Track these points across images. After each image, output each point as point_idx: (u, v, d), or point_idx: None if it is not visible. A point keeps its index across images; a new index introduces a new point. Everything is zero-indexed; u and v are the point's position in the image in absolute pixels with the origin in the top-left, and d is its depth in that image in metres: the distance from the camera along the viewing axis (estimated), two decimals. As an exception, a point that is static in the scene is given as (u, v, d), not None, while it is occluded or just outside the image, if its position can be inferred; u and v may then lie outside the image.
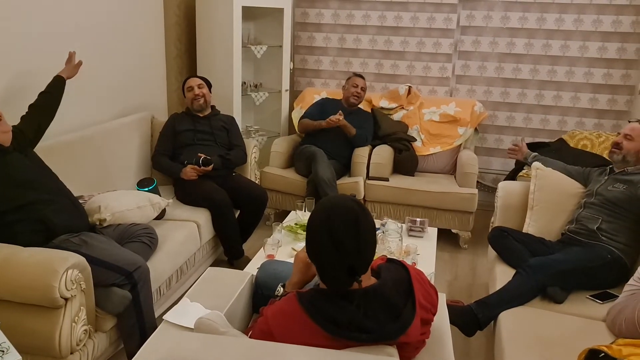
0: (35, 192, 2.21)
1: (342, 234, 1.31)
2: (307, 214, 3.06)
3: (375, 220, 3.01)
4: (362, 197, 3.79)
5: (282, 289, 1.68)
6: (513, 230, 2.74)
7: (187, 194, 3.19)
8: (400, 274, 1.49)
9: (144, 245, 2.47)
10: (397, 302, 1.38)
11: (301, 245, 2.69)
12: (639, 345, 1.66)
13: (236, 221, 3.23)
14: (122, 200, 2.59)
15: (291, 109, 4.52)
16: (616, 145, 2.61)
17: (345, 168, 3.89)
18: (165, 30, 3.98)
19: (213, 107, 3.55)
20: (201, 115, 3.44)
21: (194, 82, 3.43)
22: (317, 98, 4.37)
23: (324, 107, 4.03)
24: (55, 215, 2.23)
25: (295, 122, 4.34)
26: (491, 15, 4.19)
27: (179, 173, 3.24)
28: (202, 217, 3.05)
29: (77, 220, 2.32)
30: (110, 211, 2.48)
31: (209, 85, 3.50)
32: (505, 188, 3.06)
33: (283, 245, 2.68)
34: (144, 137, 3.53)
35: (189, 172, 3.20)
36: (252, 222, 3.35)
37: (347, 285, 1.34)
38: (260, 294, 2.02)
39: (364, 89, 4.02)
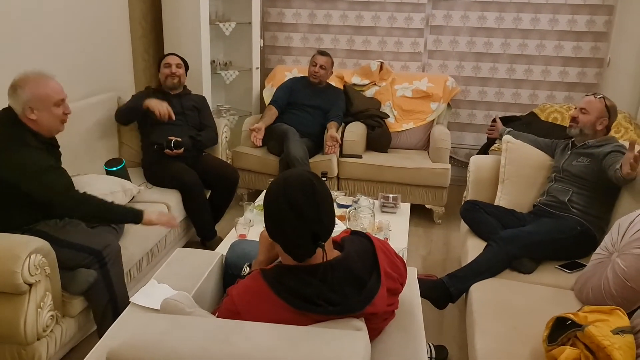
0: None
1: (301, 202, 1.30)
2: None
3: (348, 197, 3.02)
4: (335, 174, 3.77)
5: (248, 268, 1.66)
6: (484, 203, 2.76)
7: (156, 176, 3.13)
8: (364, 245, 1.48)
9: (111, 229, 2.43)
10: (361, 273, 1.37)
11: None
12: (604, 311, 1.69)
13: (207, 202, 3.18)
14: (95, 186, 2.55)
15: (262, 87, 4.45)
16: (573, 120, 2.65)
17: (317, 146, 3.86)
18: (130, 8, 3.85)
19: (185, 86, 3.48)
20: (172, 93, 3.37)
21: (172, 60, 3.38)
22: (288, 75, 4.31)
23: (292, 89, 3.98)
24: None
25: (267, 100, 4.28)
26: (462, -11, 4.17)
27: (141, 106, 3.14)
28: (172, 198, 3.00)
29: None
30: None
31: (187, 68, 3.47)
32: (477, 162, 3.07)
33: (255, 224, 2.65)
34: (110, 117, 3.43)
35: (155, 102, 3.14)
36: (223, 202, 3.31)
37: (312, 253, 1.33)
38: (231, 274, 2.00)
39: (324, 67, 3.88)
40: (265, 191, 1.40)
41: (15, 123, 2.10)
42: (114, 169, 2.80)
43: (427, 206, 3.78)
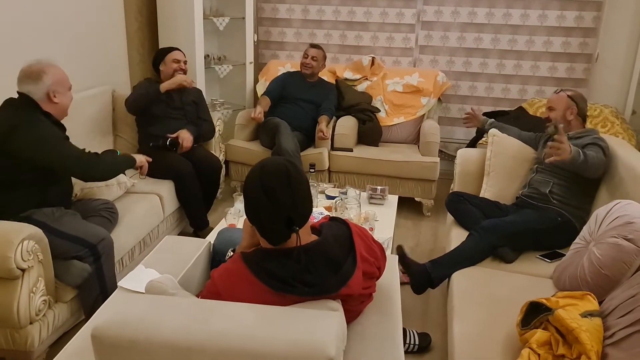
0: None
1: (275, 187, 1.36)
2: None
3: (336, 189, 3.08)
4: (326, 167, 3.83)
5: (231, 253, 1.72)
6: (469, 195, 2.82)
7: (151, 166, 3.16)
8: (341, 230, 1.54)
9: (104, 220, 2.49)
10: (337, 257, 1.43)
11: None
12: (576, 296, 1.75)
13: (200, 192, 3.25)
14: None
15: (256, 81, 4.50)
16: (547, 120, 2.72)
17: (309, 139, 3.91)
18: (125, 2, 3.91)
19: None
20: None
21: (180, 56, 3.44)
22: (281, 70, 4.36)
23: (284, 83, 4.04)
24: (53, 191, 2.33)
25: (260, 94, 4.33)
26: (453, -15, 4.22)
27: (158, 90, 3.26)
28: (164, 189, 3.06)
29: (59, 197, 2.38)
30: (80, 186, 2.54)
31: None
32: (464, 155, 3.13)
33: (244, 214, 2.71)
34: (105, 111, 3.50)
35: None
36: (211, 191, 3.40)
37: (287, 237, 1.39)
38: (218, 261, 2.05)
39: (315, 59, 3.94)
40: (246, 177, 1.46)
41: (30, 107, 2.23)
42: (108, 160, 2.85)
43: (416, 199, 3.84)
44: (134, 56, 4.10)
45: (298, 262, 1.38)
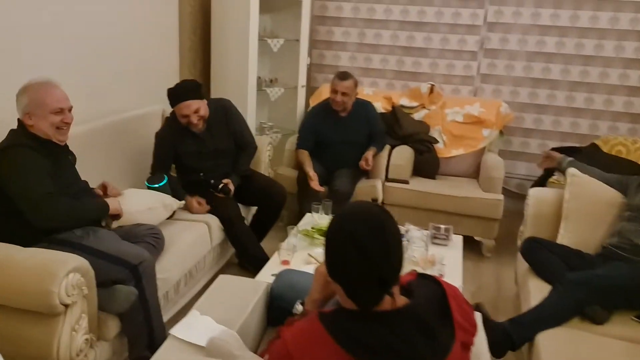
0: (63, 190, 2.11)
1: (368, 241, 1.15)
2: (324, 217, 2.90)
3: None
4: (380, 200, 3.61)
5: (301, 306, 1.51)
6: (548, 241, 2.55)
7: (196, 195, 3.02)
8: (434, 290, 1.32)
9: (149, 246, 2.31)
10: (433, 324, 1.21)
11: (319, 251, 2.53)
12: None
13: (251, 233, 3.01)
14: (133, 201, 2.44)
15: (307, 106, 4.34)
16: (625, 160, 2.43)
17: (360, 171, 3.67)
18: (180, 20, 3.82)
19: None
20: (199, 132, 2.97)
21: (188, 109, 2.81)
22: (334, 95, 4.19)
23: (316, 129, 3.60)
24: None
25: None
26: (521, 12, 3.99)
27: (182, 199, 2.80)
28: (213, 217, 2.89)
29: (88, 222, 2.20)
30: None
31: (201, 95, 2.91)
32: (537, 195, 2.86)
33: (299, 250, 2.51)
34: (154, 131, 3.35)
35: (196, 207, 2.89)
36: (269, 221, 3.19)
37: (379, 300, 1.18)
38: (276, 306, 1.85)
39: (346, 94, 3.43)
40: (329, 224, 1.26)
41: (18, 128, 2.09)
42: (156, 185, 2.70)
43: (476, 238, 3.57)
44: (185, 76, 4.00)
45: (389, 328, 1.16)
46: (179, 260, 2.50)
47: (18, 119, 2.10)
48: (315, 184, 3.38)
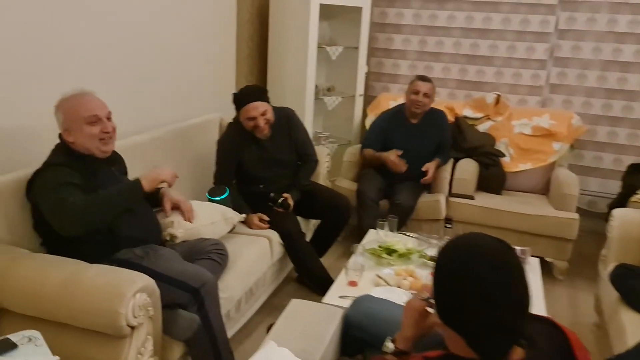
0: None
1: (495, 285, 1.01)
2: (390, 234, 2.75)
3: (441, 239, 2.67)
4: (442, 217, 3.42)
5: (392, 344, 1.36)
6: (641, 268, 2.32)
7: (255, 208, 2.91)
8: (556, 338, 1.15)
9: (214, 263, 2.21)
10: None
11: (387, 272, 2.38)
12: None
13: (310, 247, 2.87)
14: (196, 214, 2.35)
15: (364, 115, 4.21)
16: None
17: (421, 185, 3.50)
18: (237, 27, 3.76)
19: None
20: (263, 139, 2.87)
21: (255, 111, 2.72)
22: (392, 104, 4.03)
23: (385, 132, 3.48)
24: (125, 225, 2.00)
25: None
26: (595, 18, 3.75)
27: (243, 213, 2.70)
28: (273, 231, 2.78)
29: (147, 233, 2.09)
30: (184, 227, 2.24)
31: (267, 99, 2.83)
32: (622, 217, 2.63)
33: (367, 269, 2.37)
34: (211, 141, 3.29)
35: (256, 224, 2.77)
36: (331, 236, 3.05)
37: (507, 351, 1.02)
38: (352, 335, 1.72)
39: (427, 95, 3.35)
40: (437, 258, 1.12)
41: (60, 145, 1.99)
42: (217, 198, 2.61)
43: (547, 259, 3.34)
44: (242, 83, 3.92)
45: None
46: (242, 277, 2.39)
47: (59, 135, 2.00)
48: (400, 163, 3.27)
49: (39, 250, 1.97)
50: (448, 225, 2.52)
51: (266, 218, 2.79)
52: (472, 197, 3.45)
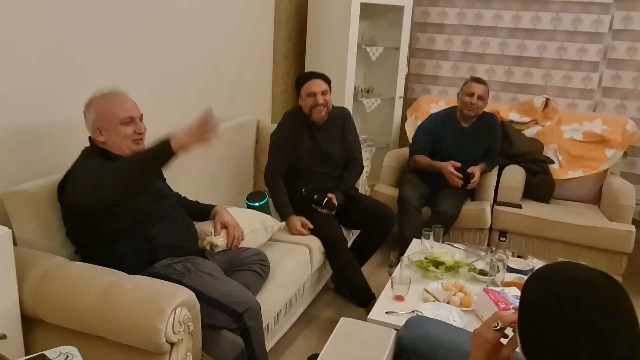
0: (147, 207, 1.90)
1: (602, 326, 0.86)
2: (435, 244, 2.60)
3: (517, 258, 2.51)
4: (487, 226, 3.26)
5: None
6: None
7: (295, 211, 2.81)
8: None
9: (256, 275, 2.11)
10: None
11: (435, 286, 2.24)
12: None
13: (352, 256, 2.72)
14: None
15: (404, 118, 4.06)
16: None
17: (465, 192, 3.34)
18: (275, 27, 3.66)
19: None
20: (317, 125, 2.81)
21: (317, 87, 2.69)
22: (434, 108, 3.88)
23: (435, 135, 3.31)
24: (161, 234, 1.90)
25: (410, 133, 3.88)
26: (655, 17, 3.53)
27: (286, 217, 2.67)
28: (313, 239, 2.65)
29: (184, 242, 1.99)
30: (224, 236, 2.14)
31: (329, 85, 2.79)
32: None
33: (413, 282, 2.23)
34: (248, 143, 3.21)
35: (299, 229, 2.64)
36: (373, 246, 2.91)
37: None
38: (406, 359, 1.59)
39: (482, 98, 3.21)
40: (526, 291, 0.98)
41: (91, 146, 1.91)
42: (257, 204, 2.51)
43: (600, 273, 3.15)
44: (278, 85, 3.83)
45: None
46: (282, 288, 2.28)
47: (89, 138, 1.92)
48: (457, 179, 3.12)
49: (74, 257, 1.90)
50: (502, 239, 2.35)
51: (310, 225, 2.66)
52: (519, 206, 3.28)
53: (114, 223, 1.82)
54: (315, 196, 2.68)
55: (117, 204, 1.76)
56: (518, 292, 2.13)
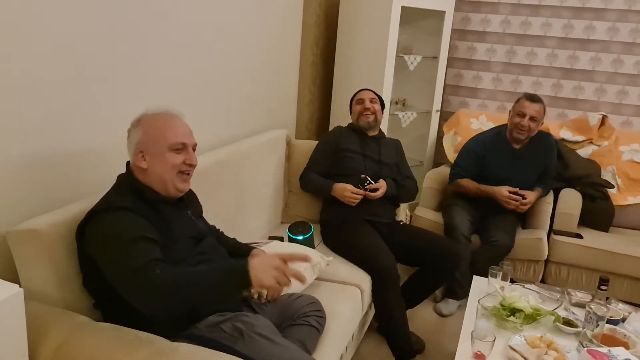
0: (185, 254, 1.52)
1: None
2: (507, 286, 2.24)
3: (596, 304, 2.15)
4: (544, 257, 2.92)
5: None
6: None
7: (341, 242, 2.43)
8: None
9: (312, 330, 1.73)
10: None
11: (519, 340, 1.88)
12: None
13: (402, 298, 2.34)
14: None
15: (440, 133, 3.72)
16: None
17: (516, 217, 3.00)
18: (303, 32, 3.30)
19: (380, 129, 2.79)
20: (369, 134, 2.70)
21: (366, 94, 2.71)
22: (474, 123, 3.55)
23: (483, 158, 2.96)
24: None
25: (448, 150, 3.54)
26: None
27: (330, 192, 2.53)
28: (363, 276, 2.28)
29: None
30: None
31: (382, 105, 2.76)
32: None
33: (497, 337, 1.87)
34: (279, 161, 2.84)
35: (348, 195, 2.45)
36: (432, 286, 2.55)
37: None
38: None
39: (535, 119, 2.81)
40: None
41: (121, 178, 1.56)
42: (300, 237, 2.14)
43: (671, 313, 2.81)
44: (304, 94, 3.48)
45: None
46: (337, 341, 1.91)
47: (127, 163, 1.57)
48: (514, 202, 2.82)
49: (92, 311, 1.51)
50: (603, 288, 1.99)
51: (360, 192, 2.46)
52: (580, 236, 2.94)
53: None
54: (362, 176, 2.49)
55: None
56: (627, 354, 1.78)
